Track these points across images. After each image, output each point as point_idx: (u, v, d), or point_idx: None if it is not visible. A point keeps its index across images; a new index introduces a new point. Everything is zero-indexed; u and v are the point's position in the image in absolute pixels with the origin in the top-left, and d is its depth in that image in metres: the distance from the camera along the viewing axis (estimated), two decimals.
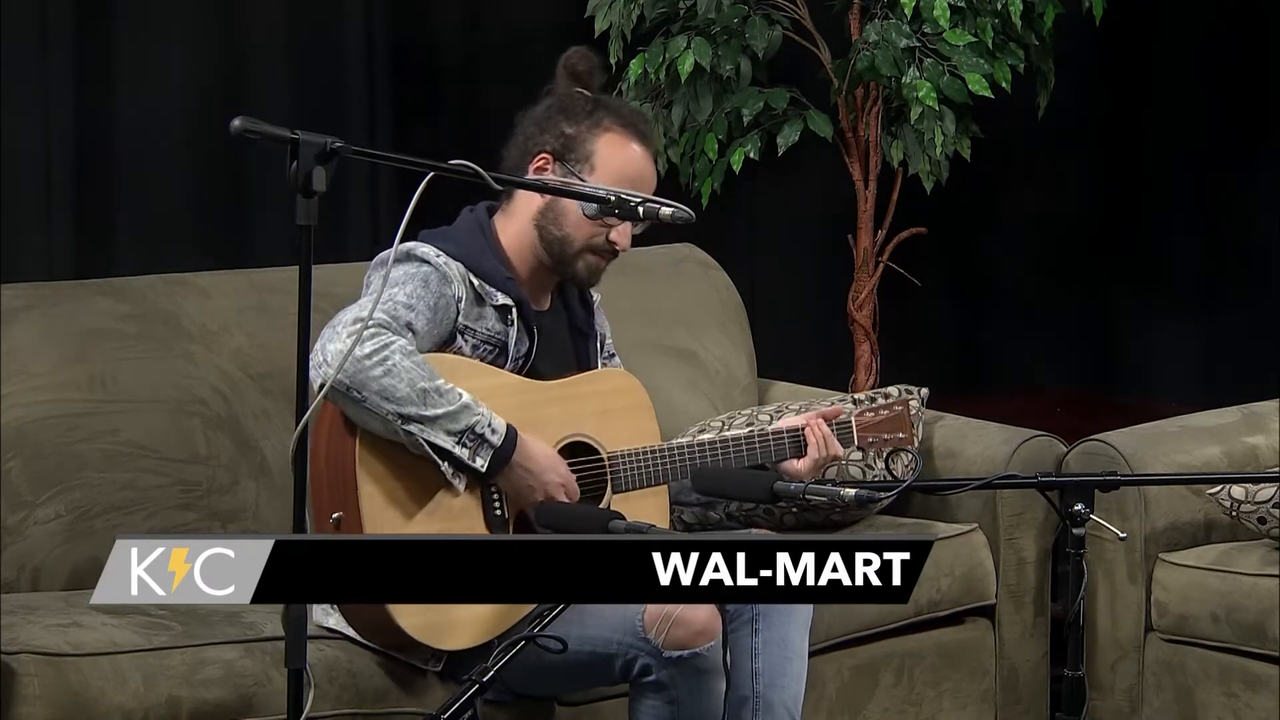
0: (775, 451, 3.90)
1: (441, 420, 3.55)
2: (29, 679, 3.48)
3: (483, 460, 3.59)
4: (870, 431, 4.04)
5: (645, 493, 3.80)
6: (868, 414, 4.04)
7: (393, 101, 5.62)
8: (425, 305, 3.65)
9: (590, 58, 3.87)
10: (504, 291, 3.73)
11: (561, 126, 3.79)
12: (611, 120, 3.80)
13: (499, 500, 3.66)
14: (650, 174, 3.83)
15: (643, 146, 3.82)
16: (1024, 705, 4.59)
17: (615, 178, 3.75)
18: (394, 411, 3.53)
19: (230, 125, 3.06)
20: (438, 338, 3.68)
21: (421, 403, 3.53)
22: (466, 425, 3.57)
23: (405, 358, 3.54)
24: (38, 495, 3.95)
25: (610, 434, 3.79)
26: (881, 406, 4.06)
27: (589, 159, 3.77)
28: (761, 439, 3.90)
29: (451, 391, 3.57)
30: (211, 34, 5.35)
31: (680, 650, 3.54)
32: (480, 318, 3.73)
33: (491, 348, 3.74)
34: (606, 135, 3.79)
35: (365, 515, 3.55)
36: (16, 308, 4.06)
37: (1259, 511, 4.36)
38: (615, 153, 3.78)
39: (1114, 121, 6.45)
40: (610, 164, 3.77)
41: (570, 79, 3.84)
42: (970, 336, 6.61)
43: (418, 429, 3.54)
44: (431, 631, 3.60)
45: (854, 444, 4.02)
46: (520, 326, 3.75)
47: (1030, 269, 6.51)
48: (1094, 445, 4.53)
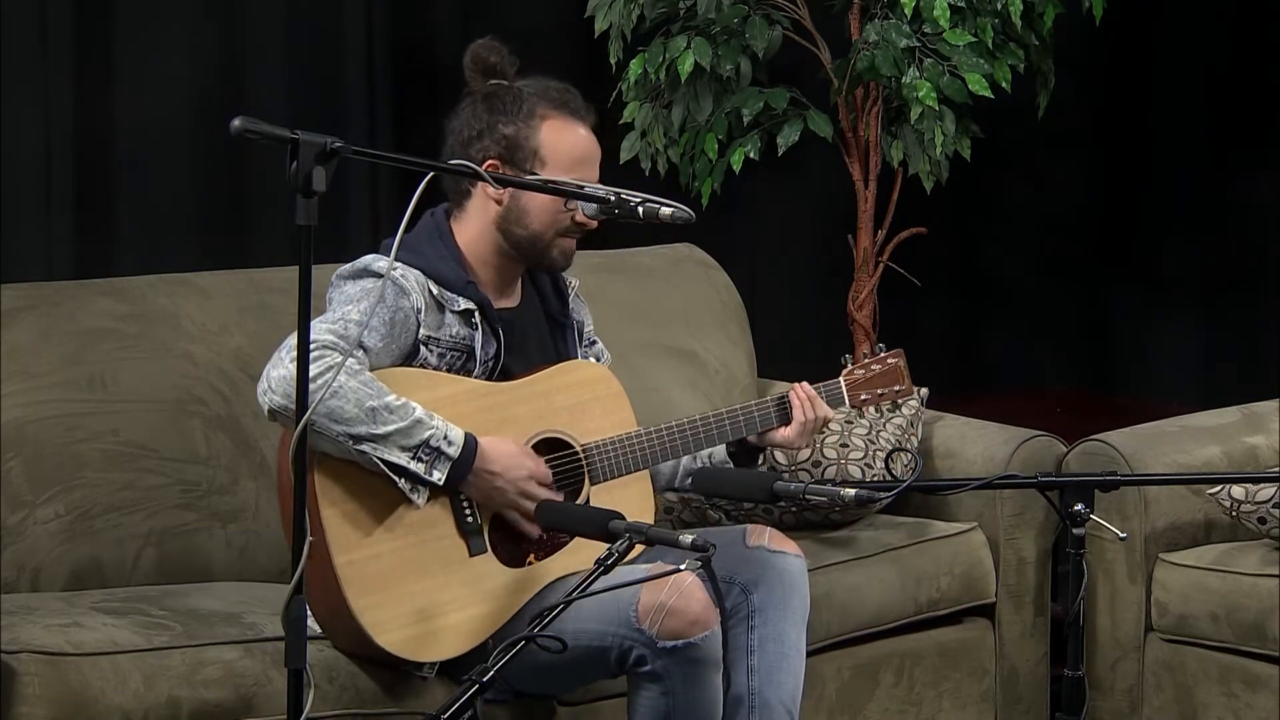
0: (761, 421, 3.88)
1: (394, 437, 3.53)
2: (29, 679, 3.47)
3: (440, 473, 3.56)
4: (862, 389, 4.00)
5: (626, 481, 3.78)
6: (857, 372, 4.00)
7: (393, 101, 5.62)
8: (380, 321, 3.61)
9: (497, 47, 3.81)
10: (464, 296, 3.71)
11: (499, 128, 3.74)
12: (544, 107, 3.76)
13: (469, 507, 3.65)
14: (595, 148, 3.79)
15: (583, 124, 3.78)
16: (1024, 705, 4.60)
17: (567, 163, 3.73)
18: (344, 432, 3.50)
19: (230, 125, 3.06)
20: (397, 351, 3.65)
21: (371, 421, 3.50)
22: (420, 440, 3.54)
23: (351, 378, 3.51)
24: (38, 495, 3.95)
25: (583, 426, 3.77)
26: (872, 362, 4.01)
27: (536, 153, 3.74)
28: (745, 410, 3.88)
29: (403, 407, 3.54)
30: (211, 34, 5.35)
31: (674, 640, 3.53)
32: (442, 325, 3.69)
33: (459, 354, 3.71)
34: (545, 124, 3.75)
35: (330, 539, 3.53)
36: (16, 308, 4.06)
37: (1259, 511, 4.36)
38: (560, 139, 3.75)
39: (1114, 121, 6.45)
40: (558, 152, 3.74)
41: (483, 74, 3.80)
42: (970, 336, 6.61)
43: (370, 448, 3.52)
44: (412, 646, 3.59)
45: (845, 404, 3.99)
46: (485, 329, 3.72)
47: (1030, 269, 6.51)
48: (1094, 445, 4.53)
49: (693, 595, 3.53)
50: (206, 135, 5.27)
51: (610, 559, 3.27)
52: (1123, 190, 6.49)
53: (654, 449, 3.79)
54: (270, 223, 5.38)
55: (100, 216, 5.24)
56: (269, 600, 3.79)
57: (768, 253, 6.28)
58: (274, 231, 5.35)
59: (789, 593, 3.77)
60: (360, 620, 3.54)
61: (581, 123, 3.78)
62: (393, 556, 3.57)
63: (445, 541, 3.62)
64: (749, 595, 3.75)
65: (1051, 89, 5.38)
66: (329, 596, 3.54)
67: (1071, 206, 6.49)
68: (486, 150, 3.74)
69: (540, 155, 3.73)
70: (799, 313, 6.25)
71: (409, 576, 3.58)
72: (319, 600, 3.54)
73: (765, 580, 3.76)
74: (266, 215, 5.40)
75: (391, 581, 3.56)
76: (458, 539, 3.63)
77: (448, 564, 3.61)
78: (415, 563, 3.58)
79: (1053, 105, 5.42)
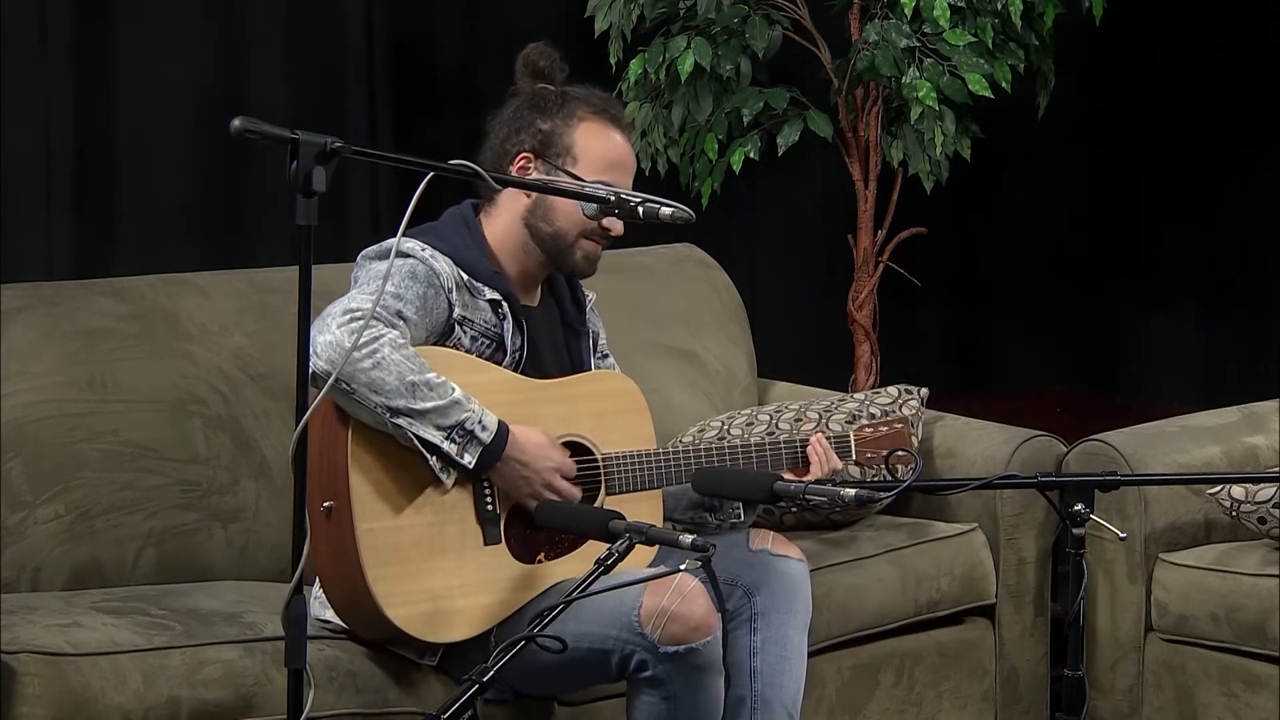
0: (772, 462, 3.90)
1: (430, 414, 3.55)
2: (29, 679, 3.47)
3: (470, 457, 3.58)
4: (869, 447, 4.03)
5: (639, 496, 3.80)
6: (866, 430, 4.04)
7: (393, 101, 5.62)
8: (414, 295, 3.64)
9: (549, 52, 3.85)
10: (491, 286, 3.73)
11: (536, 123, 3.78)
12: (585, 110, 3.80)
13: (490, 494, 3.66)
14: (631, 157, 3.84)
15: (620, 132, 3.82)
16: (1024, 705, 4.60)
17: (599, 165, 3.76)
18: (382, 404, 3.52)
19: (230, 125, 3.06)
20: (431, 328, 3.67)
21: (410, 396, 3.53)
22: (456, 421, 3.57)
23: (395, 350, 3.53)
24: (38, 495, 3.95)
25: (605, 436, 3.79)
26: (881, 423, 4.05)
27: (570, 150, 3.77)
28: (758, 449, 3.89)
29: (443, 385, 3.56)
30: (211, 34, 5.35)
31: (676, 645, 3.53)
32: (476, 308, 3.73)
33: (489, 341, 3.73)
34: (583, 125, 3.78)
35: (355, 504, 3.55)
36: (16, 308, 4.06)
37: (1259, 511, 4.36)
38: (595, 141, 3.78)
39: (1114, 121, 6.45)
40: (592, 152, 3.77)
41: (532, 77, 3.84)
42: (970, 336, 6.61)
43: (406, 422, 3.54)
44: (422, 624, 3.59)
45: (852, 458, 4.02)
46: (512, 320, 3.75)
47: (1030, 269, 6.52)
48: (1094, 445, 4.53)
49: (695, 600, 3.53)
50: (206, 135, 5.27)
51: (610, 559, 3.27)
52: (1123, 190, 6.49)
53: (672, 469, 3.81)
54: (270, 223, 5.38)
55: (100, 216, 5.25)
56: (269, 600, 3.79)
57: (768, 253, 6.29)
58: (274, 231, 5.35)
59: (791, 596, 3.77)
60: (372, 590, 3.54)
61: (619, 130, 3.82)
62: (411, 532, 3.58)
63: (463, 526, 3.63)
64: (751, 598, 3.76)
65: (1051, 89, 5.38)
66: (344, 564, 3.55)
67: (1071, 206, 6.50)
68: (521, 144, 3.78)
69: (573, 153, 3.76)
70: (799, 313, 6.25)
71: (424, 555, 3.59)
72: (333, 569, 3.56)
73: (768, 584, 3.76)
74: (266, 215, 5.40)
75: (407, 557, 3.57)
76: (475, 525, 3.64)
77: (462, 549, 3.62)
78: (432, 542, 3.60)
79: (1053, 105, 5.42)
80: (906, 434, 4.06)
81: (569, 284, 3.92)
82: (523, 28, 5.61)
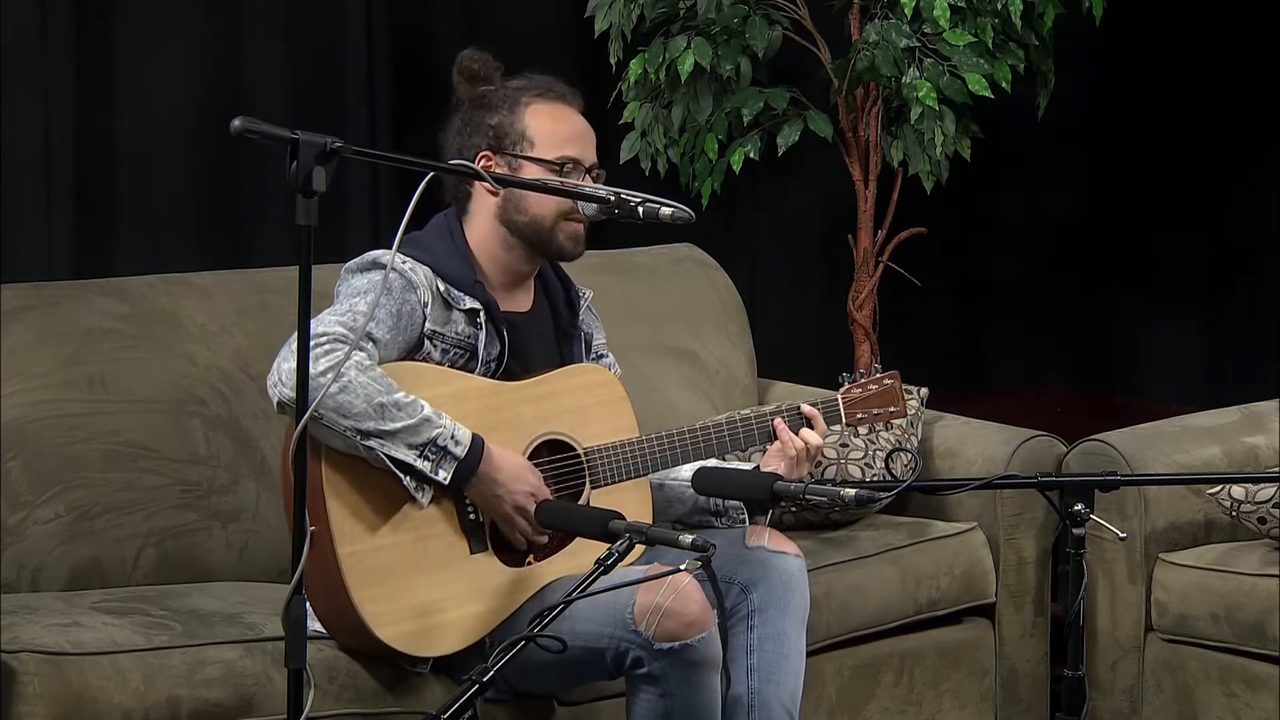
0: (745, 438, 3.88)
1: (401, 434, 3.53)
2: (29, 679, 3.47)
3: (445, 473, 3.57)
4: (859, 408, 4.00)
5: (626, 485, 3.79)
6: (854, 390, 4.01)
7: (393, 101, 5.62)
8: (387, 313, 3.62)
9: (481, 56, 3.84)
10: (471, 295, 3.72)
11: (486, 121, 3.77)
12: (529, 95, 3.79)
13: (472, 505, 3.65)
14: (585, 126, 3.82)
15: (568, 105, 3.81)
16: (1024, 705, 4.60)
17: (556, 141, 3.76)
18: (351, 427, 3.51)
19: (230, 125, 3.06)
20: (404, 344, 3.66)
21: (379, 417, 3.51)
22: (428, 438, 3.55)
23: (361, 373, 3.52)
24: (38, 495, 3.95)
25: (586, 429, 3.78)
26: (869, 382, 4.02)
27: (524, 136, 3.76)
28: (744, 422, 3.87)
29: (412, 404, 3.55)
30: (211, 34, 5.35)
31: (671, 642, 3.52)
32: (449, 322, 3.71)
33: (462, 351, 3.72)
34: (530, 108, 3.78)
35: (335, 530, 3.54)
36: (16, 308, 4.06)
37: (1259, 511, 4.37)
38: (545, 120, 3.77)
39: (1114, 121, 6.45)
40: (545, 132, 3.76)
41: (470, 82, 3.83)
42: (970, 336, 6.61)
43: (377, 444, 3.52)
44: (411, 640, 3.59)
45: (842, 421, 4.00)
46: (490, 329, 3.73)
47: (1030, 269, 6.52)
48: (1094, 445, 4.53)
49: (689, 596, 3.52)
50: (206, 135, 5.27)
51: (610, 559, 3.27)
52: (1123, 190, 6.49)
53: (655, 456, 3.80)
54: (270, 223, 5.38)
55: (100, 216, 5.24)
56: (269, 600, 3.79)
57: (768, 253, 6.28)
58: (274, 231, 5.35)
59: (789, 592, 3.77)
60: (360, 612, 3.54)
61: (567, 104, 3.80)
62: (395, 551, 3.58)
63: (447, 538, 3.63)
64: (748, 595, 3.75)
65: (1051, 89, 5.38)
66: (330, 588, 3.55)
67: (1071, 206, 6.50)
68: (476, 146, 3.77)
69: (528, 137, 3.76)
70: (799, 313, 6.25)
71: (410, 571, 3.58)
72: (320, 593, 3.55)
73: (765, 580, 3.76)
74: (266, 215, 5.40)
75: (393, 575, 3.57)
76: (459, 536, 3.64)
77: (448, 561, 3.62)
78: (417, 558, 3.59)
79: (1053, 105, 5.42)
80: (897, 389, 4.01)
81: (563, 284, 3.91)
82: (523, 28, 5.63)
